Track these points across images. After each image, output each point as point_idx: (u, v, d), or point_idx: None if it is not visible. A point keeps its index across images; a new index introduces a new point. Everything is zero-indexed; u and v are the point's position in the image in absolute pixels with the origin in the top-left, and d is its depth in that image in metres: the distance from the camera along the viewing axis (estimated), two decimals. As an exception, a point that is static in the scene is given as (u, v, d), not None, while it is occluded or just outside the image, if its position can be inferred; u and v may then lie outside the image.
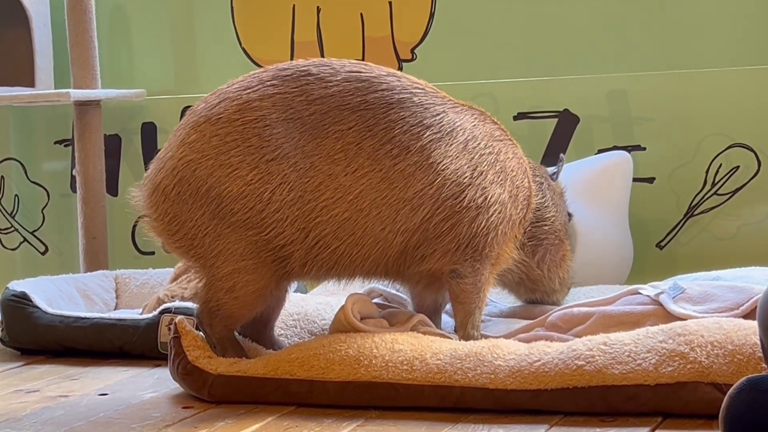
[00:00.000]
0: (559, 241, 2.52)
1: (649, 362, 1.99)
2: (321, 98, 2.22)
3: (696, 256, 3.06)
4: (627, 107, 3.14)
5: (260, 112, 2.21)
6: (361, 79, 2.25)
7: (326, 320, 2.46)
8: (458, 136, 2.26)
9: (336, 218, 2.20)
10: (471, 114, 2.31)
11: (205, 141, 2.21)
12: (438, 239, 2.24)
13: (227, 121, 2.21)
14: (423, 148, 2.23)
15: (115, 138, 3.57)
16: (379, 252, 2.23)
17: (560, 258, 2.53)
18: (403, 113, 2.23)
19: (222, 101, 2.24)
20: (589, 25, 3.21)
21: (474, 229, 2.24)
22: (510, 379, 2.04)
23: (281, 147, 2.20)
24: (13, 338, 2.78)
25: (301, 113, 2.21)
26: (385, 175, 2.21)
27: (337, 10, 3.41)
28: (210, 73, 3.52)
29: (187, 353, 2.23)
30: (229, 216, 2.20)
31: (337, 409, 2.11)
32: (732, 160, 3.08)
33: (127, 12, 3.59)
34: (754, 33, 3.09)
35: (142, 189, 2.28)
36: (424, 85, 2.30)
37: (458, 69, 3.31)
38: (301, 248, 2.22)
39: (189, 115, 2.28)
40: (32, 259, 3.66)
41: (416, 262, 2.26)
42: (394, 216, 2.22)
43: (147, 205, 2.27)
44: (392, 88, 2.25)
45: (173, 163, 2.23)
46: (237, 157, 2.20)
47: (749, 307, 2.20)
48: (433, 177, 2.23)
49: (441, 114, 2.26)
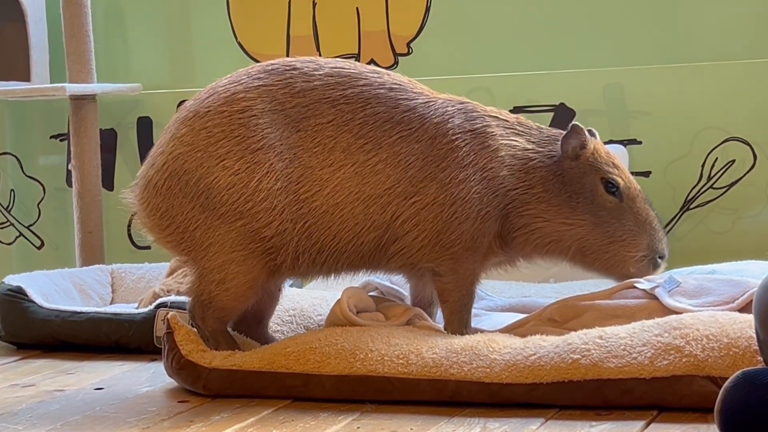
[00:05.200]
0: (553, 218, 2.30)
1: (644, 356, 1.99)
2: (303, 91, 2.26)
3: (692, 250, 3.06)
4: (623, 101, 3.14)
5: (246, 103, 2.25)
6: (342, 75, 2.28)
7: (322, 315, 2.46)
8: (426, 132, 2.26)
9: (315, 211, 2.23)
10: (445, 108, 2.29)
11: (194, 134, 2.25)
12: (406, 236, 2.25)
13: (215, 113, 2.25)
14: (392, 144, 2.25)
15: (110, 132, 3.57)
16: (354, 247, 2.25)
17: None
18: (378, 109, 2.26)
19: (210, 96, 2.28)
20: (585, 19, 3.21)
21: (438, 226, 2.25)
22: (506, 373, 2.04)
23: (266, 137, 2.22)
24: (9, 333, 2.78)
25: (285, 105, 2.25)
26: (359, 171, 2.24)
27: (332, 4, 3.40)
28: (205, 67, 3.51)
29: (180, 348, 2.23)
30: (219, 207, 2.22)
31: (333, 402, 2.11)
32: (728, 154, 3.08)
33: (122, 6, 3.59)
34: (750, 27, 3.09)
35: (134, 187, 2.31)
36: (405, 81, 2.31)
37: (454, 63, 3.30)
38: (289, 239, 2.23)
39: (179, 111, 2.32)
40: (28, 254, 3.66)
41: (390, 259, 2.27)
42: (366, 211, 2.24)
43: (139, 202, 2.29)
44: (370, 84, 2.28)
45: (163, 158, 2.26)
46: (224, 147, 2.23)
47: (745, 301, 2.20)
48: (400, 174, 2.24)
49: (411, 110, 2.27)
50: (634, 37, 3.17)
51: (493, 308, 2.63)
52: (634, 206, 2.27)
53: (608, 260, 2.28)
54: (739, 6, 3.09)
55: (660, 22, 3.16)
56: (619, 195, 2.27)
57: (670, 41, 3.15)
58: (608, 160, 2.29)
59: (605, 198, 2.26)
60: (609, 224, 2.26)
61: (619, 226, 2.26)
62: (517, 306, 2.62)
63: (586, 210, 2.26)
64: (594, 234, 2.27)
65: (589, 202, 2.26)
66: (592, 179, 2.28)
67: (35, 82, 3.46)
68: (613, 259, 2.28)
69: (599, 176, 2.27)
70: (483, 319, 2.50)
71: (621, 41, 3.18)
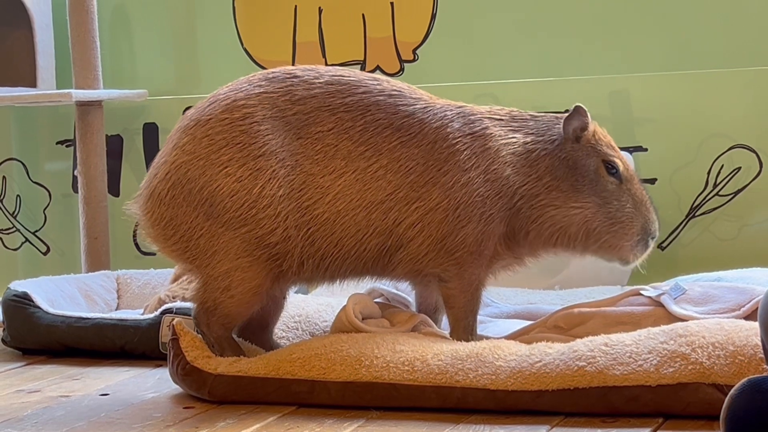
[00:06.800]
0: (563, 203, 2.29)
1: (650, 363, 1.99)
2: (303, 99, 2.27)
3: (697, 257, 3.06)
4: (629, 108, 3.14)
5: (247, 110, 2.25)
6: (342, 83, 2.29)
7: (327, 322, 2.46)
8: (426, 137, 2.27)
9: (317, 219, 2.24)
10: (444, 113, 2.30)
11: (196, 143, 2.25)
12: (410, 243, 2.25)
13: (216, 121, 2.25)
14: (392, 150, 2.25)
15: (116, 138, 3.57)
16: (357, 253, 2.26)
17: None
18: (378, 115, 2.27)
19: (211, 104, 2.29)
20: (590, 26, 3.21)
21: (442, 230, 2.25)
22: (511, 380, 2.03)
23: (268, 143, 2.23)
24: (15, 338, 2.79)
25: (285, 112, 2.26)
26: (360, 177, 2.24)
27: (338, 10, 3.41)
28: (211, 73, 3.52)
29: (186, 354, 2.24)
30: (223, 214, 2.22)
31: (339, 409, 2.11)
32: (734, 161, 3.07)
33: (128, 12, 3.59)
34: (756, 34, 3.09)
35: (138, 198, 2.31)
36: (404, 88, 2.32)
37: (460, 70, 3.31)
38: (293, 246, 2.24)
39: (181, 120, 2.32)
40: (34, 259, 3.67)
41: (396, 266, 2.27)
42: (368, 218, 2.24)
43: (143, 212, 2.30)
44: (370, 91, 2.29)
45: (166, 168, 2.27)
46: (226, 155, 2.23)
47: (750, 308, 2.20)
48: (401, 179, 2.25)
49: (410, 115, 2.28)
50: (640, 44, 3.17)
51: (499, 315, 2.63)
52: (632, 188, 2.29)
53: (607, 241, 2.27)
54: (745, 13, 3.09)
55: (666, 29, 3.16)
56: (619, 176, 2.28)
57: (676, 48, 3.15)
58: (608, 141, 2.31)
59: (607, 180, 2.27)
60: (611, 205, 2.27)
61: (620, 207, 2.27)
62: (522, 313, 2.62)
63: (592, 192, 2.27)
64: (598, 215, 2.27)
65: (594, 184, 2.27)
66: (595, 161, 2.28)
67: (41, 88, 3.47)
68: (613, 239, 2.28)
69: (601, 158, 2.28)
70: (488, 326, 2.50)
71: (627, 48, 3.18)
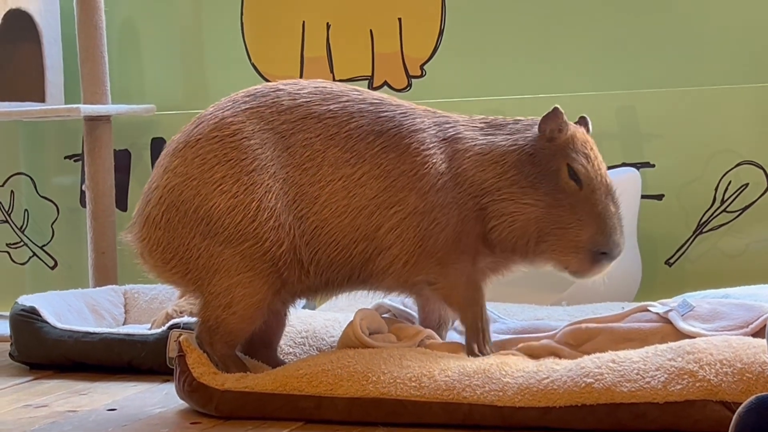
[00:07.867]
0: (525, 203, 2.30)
1: (657, 380, 1.98)
2: (290, 108, 2.29)
3: (705, 274, 3.06)
4: (636, 124, 3.14)
5: (236, 126, 2.26)
6: (326, 92, 2.32)
7: (334, 337, 2.46)
8: (403, 142, 2.28)
9: (308, 228, 2.25)
10: (422, 119, 2.32)
11: (188, 164, 2.26)
12: (391, 248, 2.26)
13: (206, 140, 2.26)
14: (374, 155, 2.27)
15: (124, 153, 3.58)
16: (343, 261, 2.27)
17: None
18: (362, 122, 2.29)
19: (198, 125, 2.30)
20: (598, 43, 3.21)
21: (420, 234, 2.26)
22: (518, 397, 2.03)
23: (258, 157, 2.24)
24: (22, 353, 2.79)
25: (273, 123, 2.27)
26: (345, 185, 2.26)
27: (346, 26, 3.42)
28: (219, 88, 3.52)
29: (192, 370, 2.23)
30: (221, 231, 2.23)
31: (346, 425, 2.11)
32: (741, 178, 3.07)
33: (137, 28, 3.60)
34: (764, 50, 3.09)
35: (132, 226, 2.31)
36: (385, 97, 2.35)
37: (468, 85, 3.31)
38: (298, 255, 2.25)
39: (168, 145, 2.33)
40: (41, 274, 3.67)
41: (381, 275, 2.28)
42: (353, 224, 2.25)
43: (138, 240, 2.29)
44: (353, 99, 2.31)
45: (159, 193, 2.27)
46: (219, 172, 2.24)
47: (759, 326, 2.20)
48: (381, 183, 2.26)
49: (390, 120, 2.30)
50: (647, 60, 3.17)
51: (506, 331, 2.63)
52: (592, 197, 2.24)
53: (552, 244, 2.25)
54: (752, 30, 3.09)
55: (673, 45, 3.16)
56: (580, 182, 2.26)
57: (683, 64, 3.15)
58: (581, 148, 2.28)
59: (566, 182, 2.25)
60: (563, 208, 2.24)
61: (572, 213, 2.24)
62: (529, 329, 2.62)
63: (547, 191, 2.24)
64: (548, 216, 2.25)
65: (552, 184, 2.25)
66: (559, 162, 2.26)
67: (50, 103, 3.48)
68: (558, 243, 2.25)
69: (565, 161, 2.27)
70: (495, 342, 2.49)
71: (634, 64, 3.18)
